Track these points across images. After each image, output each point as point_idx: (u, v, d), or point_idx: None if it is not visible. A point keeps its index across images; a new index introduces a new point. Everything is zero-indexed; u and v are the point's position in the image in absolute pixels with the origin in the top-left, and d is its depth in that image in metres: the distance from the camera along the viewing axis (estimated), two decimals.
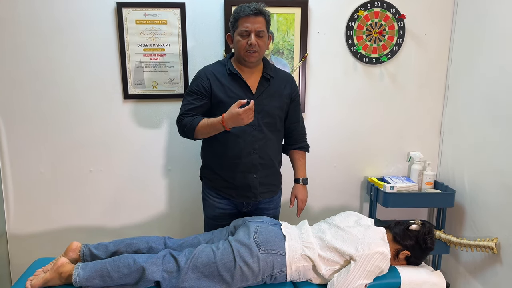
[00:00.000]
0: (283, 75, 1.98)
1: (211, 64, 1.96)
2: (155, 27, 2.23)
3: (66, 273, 1.60)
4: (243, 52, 1.80)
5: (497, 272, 2.07)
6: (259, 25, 1.77)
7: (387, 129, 2.53)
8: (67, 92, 2.26)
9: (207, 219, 2.06)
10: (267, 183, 1.97)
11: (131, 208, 2.46)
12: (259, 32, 1.77)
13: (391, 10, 2.34)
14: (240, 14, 1.76)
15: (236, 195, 1.94)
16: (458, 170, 2.39)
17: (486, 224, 2.16)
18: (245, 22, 1.76)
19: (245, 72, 1.88)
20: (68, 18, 2.18)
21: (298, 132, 2.06)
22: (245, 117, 1.65)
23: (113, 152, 2.37)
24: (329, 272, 1.66)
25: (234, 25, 1.80)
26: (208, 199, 2.00)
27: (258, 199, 1.95)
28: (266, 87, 1.89)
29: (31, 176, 2.34)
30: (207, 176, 2.01)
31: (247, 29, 1.76)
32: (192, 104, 1.86)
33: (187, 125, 1.82)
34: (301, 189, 2.07)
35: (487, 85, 2.13)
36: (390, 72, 2.45)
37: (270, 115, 1.89)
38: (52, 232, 2.42)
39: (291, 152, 2.09)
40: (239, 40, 1.79)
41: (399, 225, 1.80)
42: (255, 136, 1.87)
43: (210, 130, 1.78)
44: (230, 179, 1.91)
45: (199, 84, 1.86)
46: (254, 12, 1.75)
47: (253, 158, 1.88)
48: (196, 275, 1.58)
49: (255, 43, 1.77)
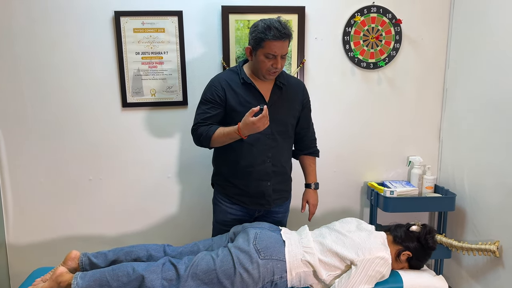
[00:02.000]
0: (294, 82, 1.99)
1: (223, 72, 1.95)
2: (153, 35, 2.24)
3: (65, 283, 1.59)
4: (265, 71, 1.78)
5: (499, 276, 2.05)
6: (285, 49, 1.75)
7: (386, 133, 2.53)
8: (65, 101, 2.27)
9: (217, 225, 2.05)
10: (280, 190, 1.98)
11: (131, 216, 2.45)
12: (284, 55, 1.77)
13: (387, 15, 2.36)
14: (269, 37, 1.69)
15: (250, 203, 1.95)
16: (458, 174, 2.39)
17: (487, 228, 2.15)
18: (273, 46, 1.70)
19: (258, 81, 1.87)
20: (66, 27, 2.19)
21: (309, 138, 2.07)
22: (261, 125, 1.65)
23: (112, 161, 2.37)
24: (330, 277, 1.64)
25: (259, 44, 1.72)
26: (220, 204, 2.00)
27: (271, 206, 1.96)
28: (279, 95, 1.90)
29: (31, 186, 2.33)
30: (219, 183, 2.01)
31: (275, 54, 1.72)
32: (207, 113, 1.85)
33: (203, 134, 1.81)
34: (312, 194, 2.08)
35: (484, 88, 2.14)
36: (388, 76, 2.45)
37: (283, 123, 1.90)
38: (52, 241, 2.41)
39: (302, 158, 2.10)
40: (264, 61, 1.75)
41: (399, 227, 1.80)
42: (269, 145, 1.87)
43: (226, 139, 1.78)
44: (243, 186, 1.92)
45: (214, 93, 1.85)
46: (283, 38, 1.70)
47: (267, 166, 1.89)
48: (196, 283, 1.56)
49: (280, 66, 1.76)
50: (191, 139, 2.38)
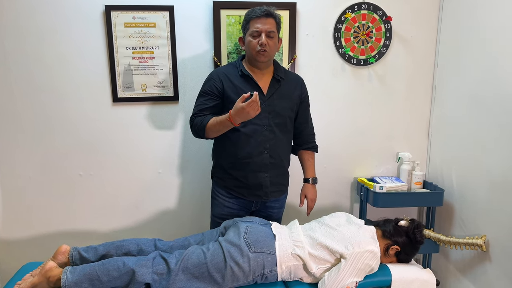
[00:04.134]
0: (293, 77, 2.04)
1: (223, 66, 2.02)
2: (144, 30, 2.23)
3: (55, 277, 1.58)
4: (254, 52, 1.84)
5: (486, 270, 2.09)
6: (269, 26, 1.82)
7: (376, 130, 2.55)
8: (55, 95, 2.25)
9: (215, 218, 2.07)
10: (277, 183, 2.01)
11: (122, 212, 2.44)
12: (270, 33, 1.82)
13: (378, 12, 2.38)
14: (251, 16, 1.83)
15: (248, 194, 1.98)
16: (447, 170, 2.42)
17: (474, 222, 2.18)
18: (256, 23, 1.82)
19: (257, 74, 1.93)
20: (56, 21, 2.17)
21: (307, 133, 2.11)
22: (251, 110, 1.67)
23: (102, 156, 2.36)
24: (320, 271, 1.66)
25: (246, 27, 1.87)
26: (218, 198, 2.03)
27: (269, 198, 1.99)
28: (277, 88, 1.94)
29: (20, 181, 2.31)
30: (218, 176, 2.04)
31: (257, 29, 1.81)
32: (205, 105, 1.91)
33: (197, 124, 1.87)
34: (311, 189, 2.11)
35: (472, 85, 2.17)
36: (378, 73, 2.47)
37: (280, 115, 1.93)
38: (42, 237, 2.39)
39: (301, 152, 2.13)
40: (250, 41, 1.84)
41: (388, 222, 1.82)
42: (266, 136, 1.91)
43: (220, 128, 1.82)
44: (242, 178, 1.95)
45: (212, 85, 1.91)
46: (265, 14, 1.81)
47: (264, 158, 1.92)
48: (186, 277, 1.57)
49: (266, 43, 1.81)
50: (182, 135, 2.41)
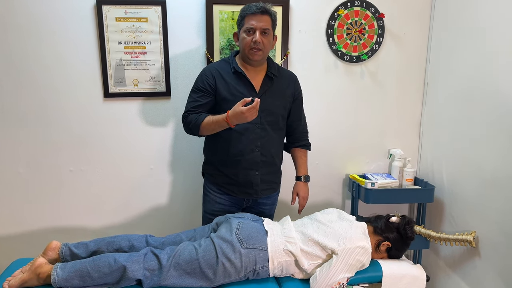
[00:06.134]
0: (286, 74, 2.02)
1: (216, 62, 1.99)
2: (135, 25, 2.21)
3: (45, 274, 1.57)
4: (247, 49, 1.82)
5: (475, 265, 2.11)
6: (264, 23, 1.79)
7: (367, 126, 2.56)
8: (46, 90, 2.22)
9: (206, 215, 2.07)
10: (268, 180, 2.00)
11: (113, 208, 2.43)
12: (264, 30, 1.80)
13: (370, 9, 2.38)
14: (247, 12, 1.79)
15: (238, 192, 1.97)
16: (437, 166, 2.44)
17: (464, 219, 2.20)
18: (251, 19, 1.78)
19: (250, 71, 1.90)
20: (47, 15, 2.14)
21: (300, 130, 2.10)
22: (249, 115, 1.68)
23: (93, 152, 2.34)
24: (311, 266, 1.67)
25: (241, 22, 1.83)
26: (209, 194, 2.03)
27: (259, 195, 1.99)
28: (270, 86, 1.92)
29: (9, 176, 2.29)
30: (209, 172, 2.03)
31: (252, 26, 1.78)
32: (198, 102, 1.88)
33: (192, 122, 1.85)
34: (303, 187, 2.11)
35: (463, 83, 2.18)
36: (370, 70, 2.48)
37: (273, 113, 1.92)
38: (32, 233, 2.37)
39: (293, 150, 2.12)
40: (244, 38, 1.81)
41: (379, 218, 1.83)
42: (258, 134, 1.90)
43: (215, 127, 1.81)
44: (232, 175, 1.94)
45: (204, 81, 1.89)
46: (260, 11, 1.78)
47: (255, 156, 1.91)
48: (178, 273, 1.56)
49: (260, 41, 1.79)
50: (174, 131, 2.39)
